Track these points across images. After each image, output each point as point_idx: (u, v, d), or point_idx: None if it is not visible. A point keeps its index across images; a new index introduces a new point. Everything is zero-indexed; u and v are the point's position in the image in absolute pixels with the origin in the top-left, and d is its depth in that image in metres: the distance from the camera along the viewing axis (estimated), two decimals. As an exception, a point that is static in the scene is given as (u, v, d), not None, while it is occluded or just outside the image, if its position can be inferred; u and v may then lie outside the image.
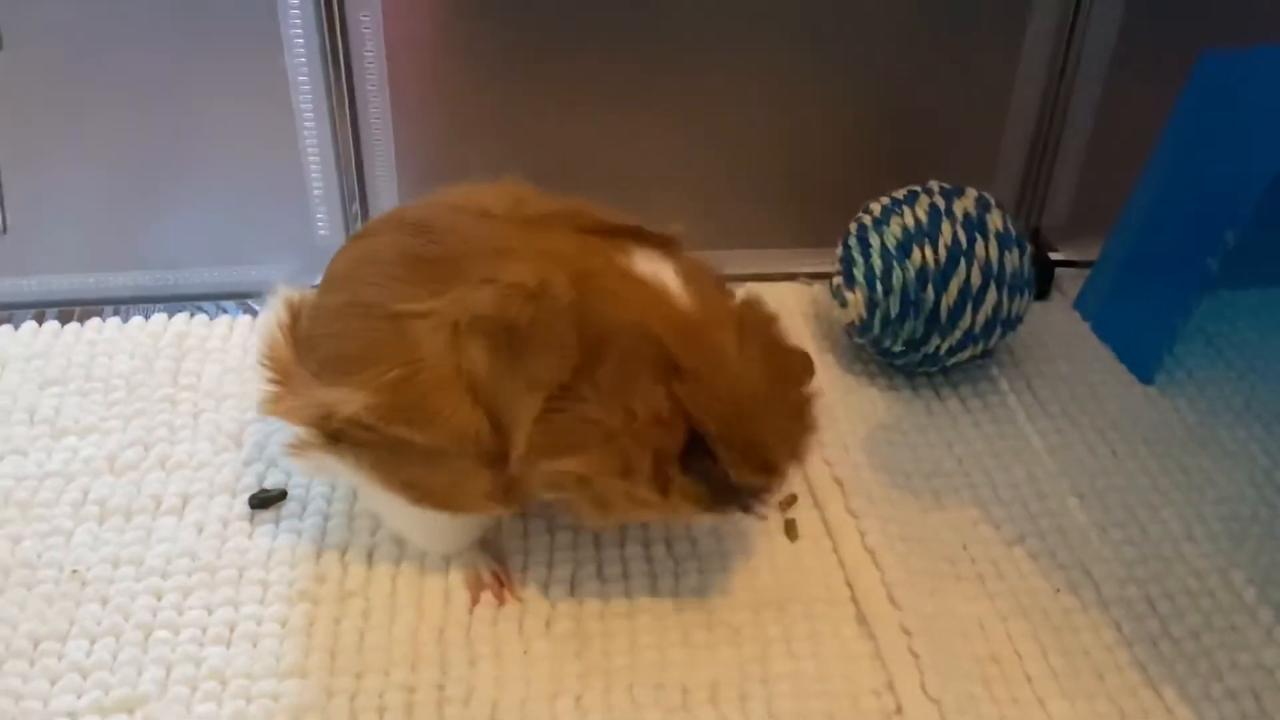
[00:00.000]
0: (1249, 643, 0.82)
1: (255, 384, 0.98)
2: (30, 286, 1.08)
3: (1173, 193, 1.02)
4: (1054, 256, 1.18)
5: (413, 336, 0.73)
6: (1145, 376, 1.05)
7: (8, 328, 1.06)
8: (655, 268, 0.74)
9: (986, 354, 1.03)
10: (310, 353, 0.79)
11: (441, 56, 1.02)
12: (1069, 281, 1.17)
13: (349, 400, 0.74)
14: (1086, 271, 1.14)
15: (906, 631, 0.81)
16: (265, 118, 1.02)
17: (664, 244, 0.78)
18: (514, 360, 0.71)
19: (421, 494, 0.77)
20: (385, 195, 1.06)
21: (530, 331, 0.70)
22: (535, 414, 0.71)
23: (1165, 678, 0.79)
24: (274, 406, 0.79)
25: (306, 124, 1.02)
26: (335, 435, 0.76)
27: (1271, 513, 0.92)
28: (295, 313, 0.82)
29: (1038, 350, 1.09)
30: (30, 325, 1.05)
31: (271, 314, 0.83)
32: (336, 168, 1.04)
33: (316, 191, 1.06)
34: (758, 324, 0.76)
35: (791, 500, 0.90)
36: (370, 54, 0.99)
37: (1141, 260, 1.05)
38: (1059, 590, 0.86)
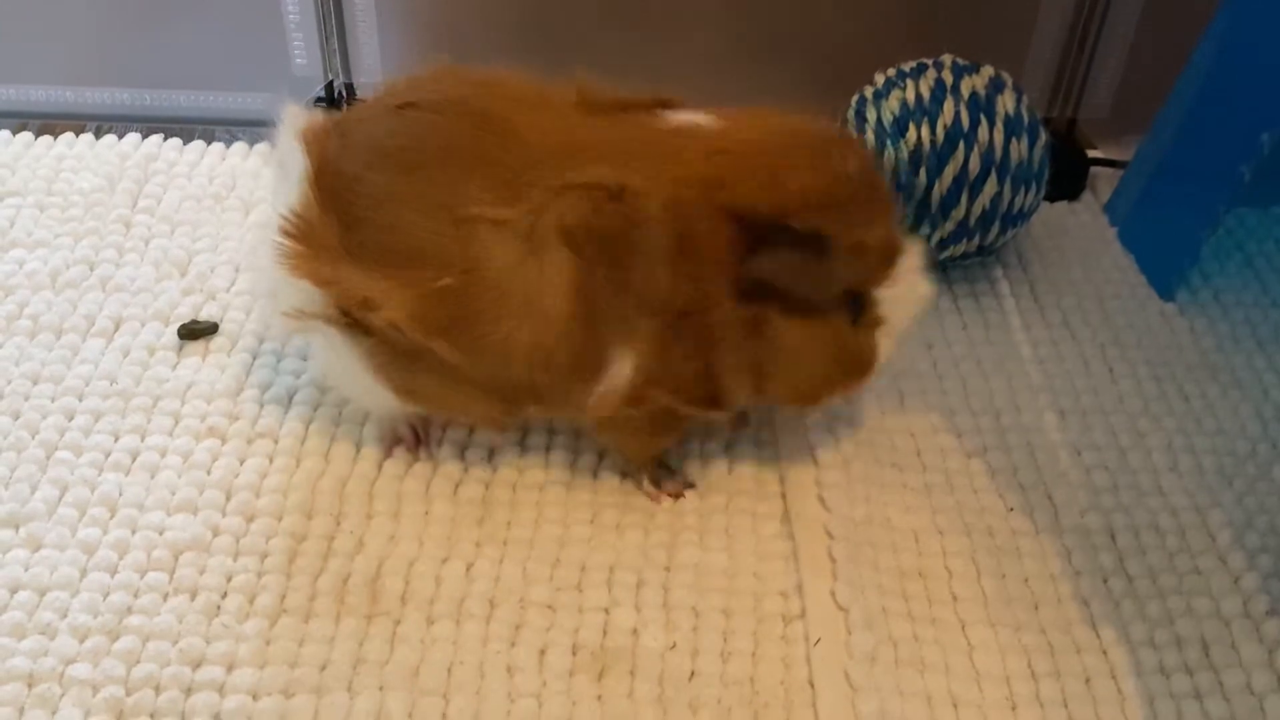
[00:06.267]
0: (1210, 589, 0.74)
1: (213, 214, 0.97)
2: (7, 95, 1.05)
3: (1215, 89, 0.90)
4: (1091, 154, 1.07)
5: (481, 244, 0.68)
6: (1165, 292, 0.95)
7: (-20, 135, 1.04)
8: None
9: (987, 251, 0.94)
10: (350, 230, 0.70)
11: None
12: (1105, 182, 1.06)
13: (391, 300, 0.69)
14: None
15: (830, 535, 0.75)
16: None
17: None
18: (616, 278, 0.67)
19: (418, 399, 0.75)
20: (364, 27, 1.01)
21: (627, 243, 0.66)
22: (651, 340, 0.67)
23: (1107, 616, 0.73)
24: (300, 268, 0.71)
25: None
26: (356, 322, 0.71)
27: (1272, 452, 0.83)
28: (324, 161, 0.71)
29: (1053, 254, 0.99)
30: (3, 135, 1.03)
31: (296, 157, 0.72)
32: (313, -7, 0.99)
33: (292, 17, 1.00)
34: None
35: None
36: None
37: (1175, 163, 0.95)
38: (1011, 510, 0.79)
